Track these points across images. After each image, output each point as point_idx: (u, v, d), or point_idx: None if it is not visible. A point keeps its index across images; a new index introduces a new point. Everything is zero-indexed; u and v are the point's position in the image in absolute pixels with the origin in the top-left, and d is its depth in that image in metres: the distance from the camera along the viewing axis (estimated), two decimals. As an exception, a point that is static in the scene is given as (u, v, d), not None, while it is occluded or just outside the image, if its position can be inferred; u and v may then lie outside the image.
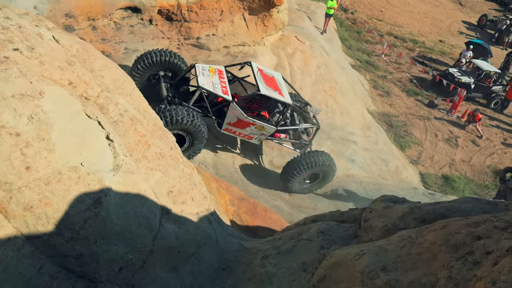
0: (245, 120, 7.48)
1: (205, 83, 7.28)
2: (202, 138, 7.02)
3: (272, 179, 8.72)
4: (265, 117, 7.92)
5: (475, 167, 12.52)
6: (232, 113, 7.39)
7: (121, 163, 2.56)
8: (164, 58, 7.84)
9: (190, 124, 6.66)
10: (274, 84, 7.92)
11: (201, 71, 7.52)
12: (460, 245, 1.78)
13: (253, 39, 11.23)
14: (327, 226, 2.78)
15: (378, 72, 16.70)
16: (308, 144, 8.46)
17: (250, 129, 7.70)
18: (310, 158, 7.75)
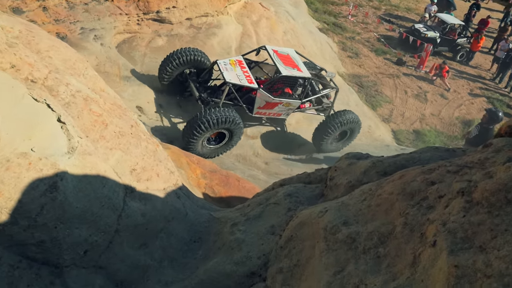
0: (272, 101, 8.09)
1: (231, 77, 7.79)
2: (241, 133, 7.68)
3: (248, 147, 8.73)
4: (289, 93, 8.54)
5: (444, 120, 12.85)
6: (260, 98, 7.98)
7: (76, 145, 2.47)
8: (190, 57, 8.30)
9: (232, 123, 7.29)
10: (291, 62, 8.44)
11: (224, 67, 7.98)
12: (416, 192, 1.82)
13: (215, 9, 10.92)
14: (294, 188, 2.80)
15: (346, 33, 16.63)
16: (331, 106, 9.07)
17: (278, 108, 8.34)
18: (338, 118, 8.41)
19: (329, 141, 8.73)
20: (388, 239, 1.71)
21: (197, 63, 8.45)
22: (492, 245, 1.27)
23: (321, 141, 8.69)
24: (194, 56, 8.33)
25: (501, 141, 1.95)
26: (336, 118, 8.43)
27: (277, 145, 9.12)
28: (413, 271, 1.45)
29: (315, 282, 1.75)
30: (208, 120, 7.00)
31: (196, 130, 7.04)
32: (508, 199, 1.40)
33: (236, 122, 7.34)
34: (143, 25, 9.76)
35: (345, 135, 8.96)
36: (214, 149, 7.68)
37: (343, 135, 8.95)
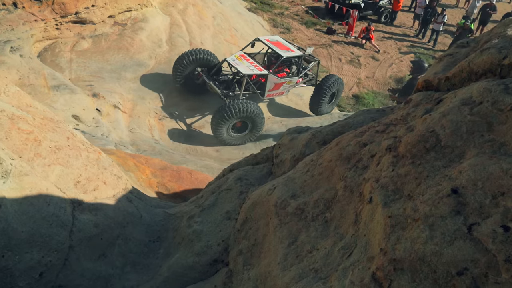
0: (279, 82, 9.39)
1: (245, 69, 8.86)
2: (261, 123, 8.55)
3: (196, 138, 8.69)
4: (287, 72, 9.87)
5: (379, 80, 13.50)
6: (270, 82, 9.20)
7: (10, 168, 2.35)
8: (199, 56, 9.25)
9: (253, 113, 8.23)
10: (283, 46, 9.66)
11: (234, 63, 9.05)
12: (351, 155, 1.94)
13: (138, 2, 10.54)
14: (243, 172, 2.86)
15: (274, 10, 16.78)
16: (316, 77, 10.37)
17: (283, 87, 9.61)
18: (327, 82, 9.84)
19: (324, 104, 10.05)
20: (332, 203, 1.83)
21: (205, 61, 9.40)
22: (417, 192, 1.41)
23: (318, 106, 10.04)
24: (203, 55, 9.33)
25: (419, 95, 2.12)
26: (326, 82, 9.81)
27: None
28: (356, 228, 1.58)
29: (273, 256, 1.84)
30: (231, 110, 8.02)
31: (220, 119, 8.09)
32: (427, 148, 1.55)
33: (256, 113, 8.28)
34: (63, 29, 9.23)
35: (334, 96, 10.32)
36: (239, 137, 8.64)
37: (332, 96, 10.29)
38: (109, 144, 7.20)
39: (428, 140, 1.57)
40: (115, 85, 8.91)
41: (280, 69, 9.80)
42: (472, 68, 1.88)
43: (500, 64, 1.73)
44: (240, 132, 8.63)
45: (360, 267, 1.38)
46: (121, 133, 7.89)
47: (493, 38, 2.06)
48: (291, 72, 9.95)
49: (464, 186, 1.26)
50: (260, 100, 9.67)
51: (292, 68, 10.02)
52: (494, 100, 1.50)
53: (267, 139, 9.03)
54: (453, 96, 1.77)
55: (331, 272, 1.49)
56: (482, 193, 1.21)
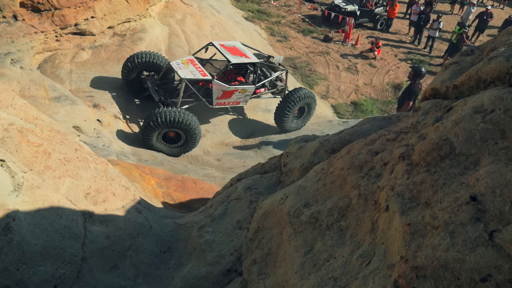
0: (228, 90, 8.59)
1: (185, 74, 8.19)
2: (196, 134, 7.95)
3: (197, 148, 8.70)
4: (241, 81, 9.15)
5: (376, 87, 13.60)
6: (216, 88, 8.45)
7: (22, 181, 2.36)
8: (144, 59, 8.67)
9: (184, 124, 7.63)
10: (238, 52, 8.99)
11: (177, 67, 8.41)
12: (363, 164, 1.97)
13: (137, 13, 10.61)
14: (251, 181, 2.88)
15: (271, 19, 16.92)
16: (285, 88, 9.61)
17: (236, 96, 8.85)
18: (294, 95, 9.04)
19: (289, 119, 9.31)
20: (347, 212, 1.85)
21: (153, 65, 8.79)
22: (435, 199, 1.43)
23: (283, 120, 9.27)
24: (149, 58, 8.72)
25: (428, 103, 2.16)
26: (292, 95, 9.04)
27: (225, 140, 9.18)
28: (373, 236, 1.60)
29: (289, 265, 1.86)
30: (157, 118, 7.49)
31: (146, 127, 7.63)
32: (441, 156, 1.58)
33: (188, 124, 7.66)
34: (63, 40, 9.26)
35: (304, 112, 9.58)
36: (171, 148, 8.09)
37: (302, 112, 9.57)
38: (111, 154, 7.20)
39: (442, 148, 1.59)
40: (115, 95, 8.93)
41: (231, 77, 9.13)
42: (480, 76, 1.91)
43: (508, 72, 1.77)
44: (173, 143, 8.03)
45: (381, 275, 1.39)
46: (122, 143, 7.90)
47: (499, 46, 2.10)
48: (247, 81, 9.14)
49: (483, 193, 1.29)
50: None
51: (249, 77, 9.22)
52: (506, 108, 1.54)
53: (268, 146, 9.06)
54: (463, 104, 1.80)
55: (350, 281, 1.51)
56: (501, 200, 1.24)
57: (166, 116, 7.50)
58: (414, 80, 7.85)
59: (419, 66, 8.50)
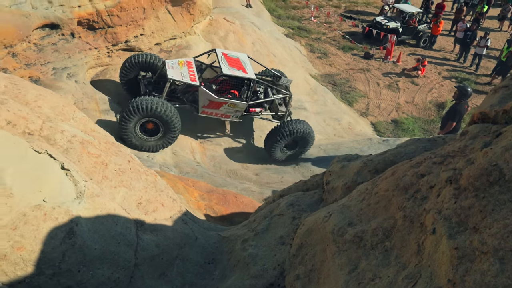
0: (215, 100, 8.23)
1: (174, 74, 8.06)
2: (175, 127, 7.69)
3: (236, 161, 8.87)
4: (235, 95, 8.69)
5: (419, 105, 13.31)
6: (202, 96, 8.16)
7: (83, 189, 2.57)
8: (141, 59, 8.71)
9: (157, 110, 7.37)
10: (238, 64, 8.61)
11: (170, 65, 8.29)
12: (409, 186, 2.00)
13: (182, 30, 11.08)
14: (294, 197, 2.95)
15: (311, 35, 17.06)
16: (285, 113, 9.03)
17: (224, 108, 8.45)
18: (287, 126, 8.44)
19: (278, 149, 8.68)
20: (392, 232, 1.89)
21: (150, 65, 8.76)
22: (484, 225, 1.45)
23: (270, 148, 8.70)
24: (146, 58, 8.71)
25: (475, 127, 2.16)
26: (285, 126, 8.44)
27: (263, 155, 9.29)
28: (419, 258, 1.63)
29: (333, 282, 1.91)
30: (134, 106, 7.30)
31: (122, 118, 7.45)
32: (491, 182, 1.60)
33: (161, 110, 7.38)
34: (114, 56, 9.82)
35: (297, 146, 8.87)
36: (148, 140, 7.79)
37: (295, 145, 8.87)
38: (154, 166, 7.51)
39: (492, 173, 1.61)
40: (160, 109, 9.31)
41: (225, 88, 8.72)
42: (532, 102, 1.91)
43: (562, 100, 1.76)
44: (151, 135, 7.73)
45: (427, 296, 1.42)
46: (165, 155, 8.20)
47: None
48: (241, 96, 8.59)
49: (534, 221, 1.30)
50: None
51: (244, 92, 8.60)
52: (559, 136, 1.54)
53: (306, 163, 9.07)
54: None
55: (396, 301, 1.54)
56: (553, 229, 1.25)
57: (140, 103, 7.31)
58: (459, 100, 7.65)
59: (465, 85, 8.28)
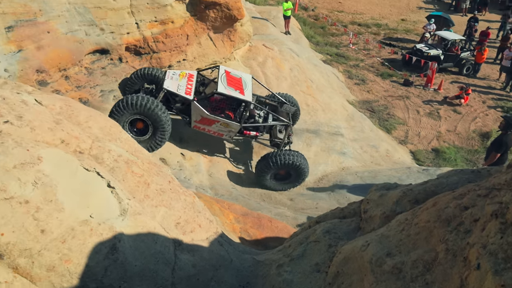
0: (208, 117, 8.15)
1: (170, 85, 8.09)
2: (164, 128, 7.64)
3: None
4: (229, 115, 8.51)
5: (461, 135, 12.85)
6: (195, 111, 8.10)
7: (127, 207, 2.69)
8: (147, 72, 8.88)
9: (152, 109, 7.39)
10: (237, 84, 8.47)
11: (170, 76, 8.33)
12: (451, 218, 1.95)
13: (223, 56, 11.44)
14: (331, 225, 2.93)
15: (349, 62, 17.08)
16: (282, 141, 8.68)
17: (216, 126, 8.35)
18: (279, 156, 8.19)
19: (267, 177, 8.46)
20: (433, 265, 1.83)
21: (154, 77, 8.87)
22: (532, 263, 1.40)
23: (259, 176, 8.51)
24: (150, 71, 8.85)
25: (524, 161, 2.09)
26: (277, 155, 8.20)
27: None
28: (463, 294, 1.57)
29: (370, 314, 1.87)
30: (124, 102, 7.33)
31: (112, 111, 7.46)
32: (540, 218, 1.54)
33: (151, 107, 7.36)
34: (157, 80, 10.26)
35: (290, 177, 8.59)
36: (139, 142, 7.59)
37: (287, 176, 8.59)
38: (191, 187, 7.66)
39: (541, 209, 1.55)
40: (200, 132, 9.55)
41: (221, 106, 8.52)
42: None
43: None
44: (141, 135, 7.65)
45: (471, 335, 1.37)
46: (201, 177, 8.37)
47: None
48: (236, 117, 8.44)
49: None
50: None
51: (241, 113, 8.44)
52: None
53: (342, 190, 8.93)
54: None
55: (438, 337, 1.49)
56: None
57: (130, 99, 7.32)
58: (506, 130, 7.33)
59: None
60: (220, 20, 10.75)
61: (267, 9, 18.34)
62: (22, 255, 2.10)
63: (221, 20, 10.75)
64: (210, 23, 10.74)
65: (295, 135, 10.37)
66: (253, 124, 8.64)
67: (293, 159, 8.22)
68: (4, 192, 2.19)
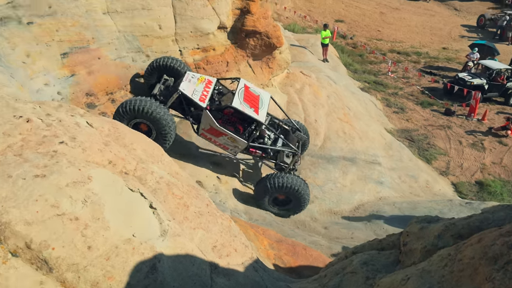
0: (216, 128, 7.93)
1: (186, 88, 7.93)
2: (165, 131, 7.48)
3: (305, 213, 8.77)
4: (239, 130, 8.20)
5: (508, 167, 12.23)
6: (204, 119, 7.91)
7: (167, 228, 2.77)
8: (163, 62, 8.63)
9: (150, 113, 7.23)
10: (254, 102, 8.25)
11: (189, 78, 8.15)
12: (498, 256, 1.88)
13: (261, 82, 11.66)
14: (368, 256, 2.87)
15: (388, 90, 16.87)
16: (288, 167, 8.48)
17: (223, 139, 8.11)
18: (276, 179, 7.87)
19: (266, 202, 8.19)
20: (478, 305, 1.76)
21: (173, 70, 8.68)
22: None
23: (257, 198, 8.28)
24: (170, 62, 8.63)
25: None
26: (275, 177, 7.92)
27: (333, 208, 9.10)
28: (511, 337, 1.50)
29: None
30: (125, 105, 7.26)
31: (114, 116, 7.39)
32: None
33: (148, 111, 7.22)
34: (197, 104, 10.59)
35: (289, 202, 8.23)
36: None
37: (287, 201, 8.24)
38: (226, 211, 7.72)
39: None
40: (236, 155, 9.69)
41: (233, 120, 8.16)
42: None
43: None
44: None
45: None
46: (236, 201, 8.42)
47: None
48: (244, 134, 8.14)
49: None
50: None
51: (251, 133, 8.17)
52: None
53: (379, 220, 8.68)
54: None
55: None
56: None
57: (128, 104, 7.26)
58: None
59: None
60: (260, 47, 11.04)
61: (305, 37, 18.61)
62: (70, 269, 2.21)
63: (260, 47, 11.04)
64: (250, 50, 11.04)
65: (331, 163, 10.28)
66: (261, 146, 8.41)
67: (292, 182, 7.84)
68: (57, 208, 2.34)
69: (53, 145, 2.78)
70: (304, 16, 23.03)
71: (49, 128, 2.95)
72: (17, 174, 2.41)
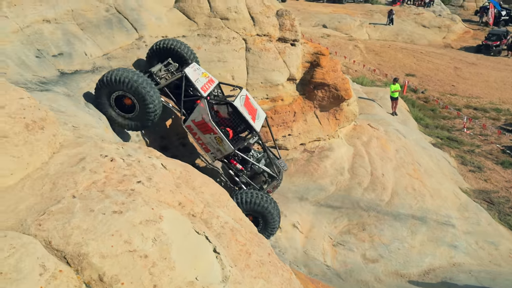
0: (208, 123, 7.39)
1: (190, 72, 7.55)
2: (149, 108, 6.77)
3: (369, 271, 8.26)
4: (228, 133, 7.71)
5: None
6: (199, 110, 7.39)
7: (229, 274, 2.77)
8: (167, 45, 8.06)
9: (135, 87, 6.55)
10: (252, 112, 7.90)
11: (195, 68, 7.81)
12: None
13: (327, 133, 11.64)
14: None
15: (463, 147, 15.89)
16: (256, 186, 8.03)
17: (209, 137, 7.55)
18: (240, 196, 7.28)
19: None
20: None
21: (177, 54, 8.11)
22: None
23: None
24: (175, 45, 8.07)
25: None
26: (243, 194, 7.31)
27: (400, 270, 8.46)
28: None
29: None
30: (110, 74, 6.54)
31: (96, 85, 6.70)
32: None
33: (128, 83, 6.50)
34: (262, 152, 10.79)
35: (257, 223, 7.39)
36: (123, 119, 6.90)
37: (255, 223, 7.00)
38: (285, 262, 7.52)
39: None
40: (297, 205, 9.58)
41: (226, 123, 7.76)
42: None
43: None
44: (127, 112, 6.77)
45: None
46: (296, 252, 8.20)
47: None
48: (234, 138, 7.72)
49: None
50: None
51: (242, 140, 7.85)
52: None
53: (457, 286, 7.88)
54: None
55: None
56: None
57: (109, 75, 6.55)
58: None
59: None
60: (328, 99, 11.15)
61: (374, 90, 18.47)
62: (135, 306, 2.28)
63: (328, 99, 11.15)
64: (317, 102, 11.19)
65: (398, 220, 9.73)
66: (244, 156, 7.87)
67: (261, 201, 7.25)
68: (129, 244, 2.47)
69: (132, 184, 2.99)
70: (373, 70, 23.02)
71: (129, 167, 3.19)
72: (98, 209, 2.61)
